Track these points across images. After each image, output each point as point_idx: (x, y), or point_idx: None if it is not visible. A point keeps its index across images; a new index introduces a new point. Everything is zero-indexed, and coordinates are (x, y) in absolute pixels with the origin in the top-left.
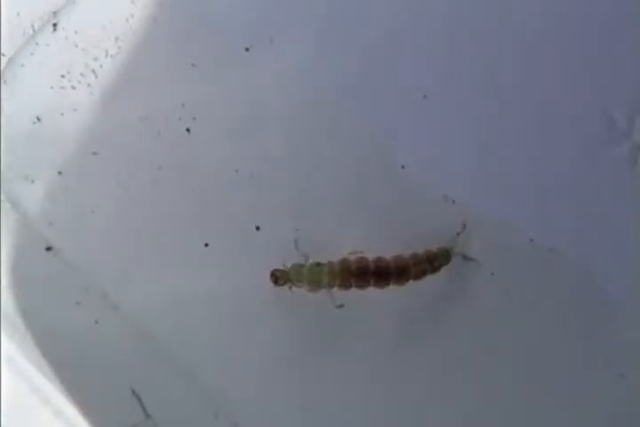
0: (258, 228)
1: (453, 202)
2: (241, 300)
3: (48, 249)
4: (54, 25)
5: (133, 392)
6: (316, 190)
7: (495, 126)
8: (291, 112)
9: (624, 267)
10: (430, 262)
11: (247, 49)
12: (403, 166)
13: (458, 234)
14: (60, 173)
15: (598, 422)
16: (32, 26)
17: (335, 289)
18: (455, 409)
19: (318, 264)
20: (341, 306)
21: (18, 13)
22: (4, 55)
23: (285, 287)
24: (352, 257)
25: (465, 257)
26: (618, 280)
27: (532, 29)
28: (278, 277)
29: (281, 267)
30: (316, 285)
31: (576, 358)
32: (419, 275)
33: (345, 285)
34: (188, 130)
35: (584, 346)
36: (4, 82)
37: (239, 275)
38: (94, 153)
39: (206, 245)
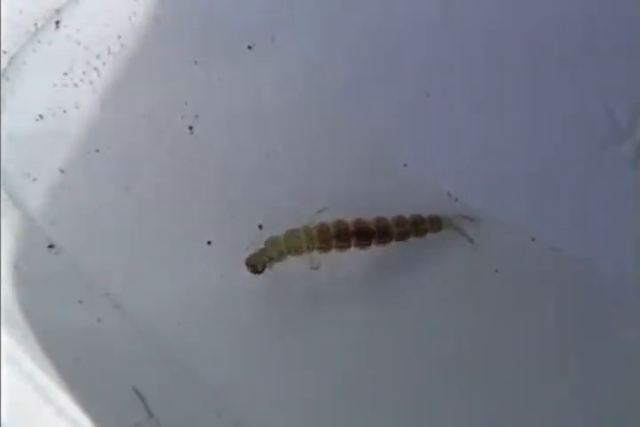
0: (260, 226)
1: (456, 200)
2: (243, 298)
3: (50, 247)
4: (57, 23)
5: (136, 391)
6: (319, 189)
7: (498, 125)
8: (293, 110)
9: (625, 266)
10: (415, 224)
11: (250, 47)
12: (405, 165)
13: (463, 216)
14: (62, 170)
15: (599, 422)
16: (35, 24)
17: (317, 253)
18: (455, 405)
19: (295, 230)
20: (317, 268)
21: (20, 11)
22: (5, 53)
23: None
24: (330, 220)
25: (462, 234)
26: (619, 280)
27: (534, 29)
28: (256, 263)
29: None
30: (295, 251)
31: (576, 357)
32: (401, 236)
33: (324, 247)
34: (190, 128)
35: (584, 346)
36: (7, 79)
37: (241, 274)
38: (96, 151)
39: (209, 243)
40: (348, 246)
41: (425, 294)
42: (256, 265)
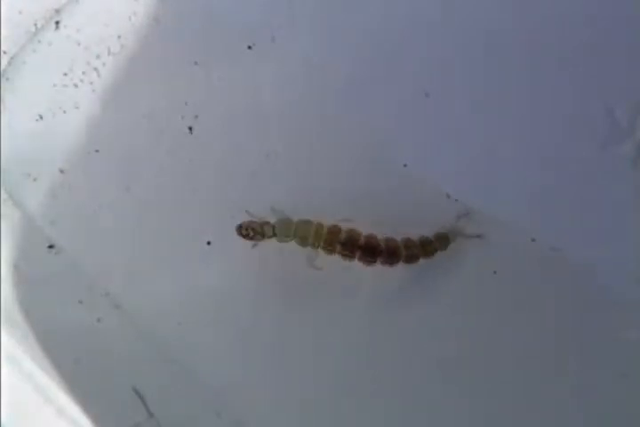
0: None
1: (456, 201)
2: (243, 298)
3: (50, 247)
4: (57, 23)
5: (136, 391)
6: (318, 189)
7: (497, 125)
8: (293, 110)
9: (626, 266)
10: (423, 247)
11: (249, 47)
12: (405, 165)
13: (459, 217)
14: (62, 171)
15: (599, 422)
16: (35, 24)
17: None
18: (455, 405)
19: (309, 221)
20: (320, 268)
21: (20, 11)
22: (5, 53)
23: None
24: (344, 226)
25: (467, 236)
26: (618, 280)
27: (534, 29)
28: (258, 232)
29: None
30: (301, 240)
31: (576, 357)
32: (410, 258)
33: (329, 249)
34: (190, 128)
35: (584, 346)
36: (7, 79)
37: (241, 273)
38: (96, 151)
39: (208, 243)
40: (352, 257)
41: (425, 293)
42: (258, 233)
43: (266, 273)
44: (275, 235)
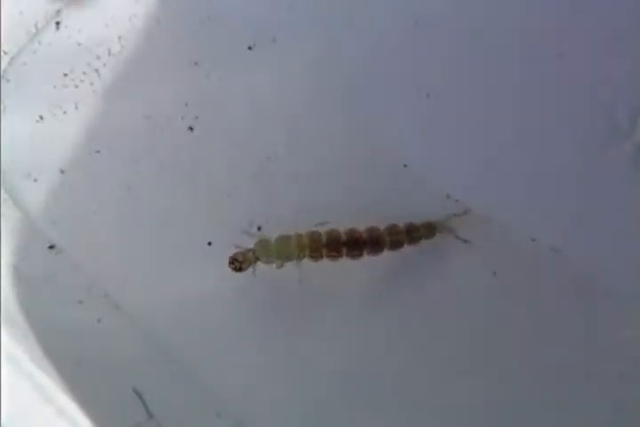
0: (259, 228)
1: (456, 201)
2: (243, 299)
3: (50, 248)
4: (57, 24)
5: (135, 391)
6: (319, 190)
7: (497, 126)
8: (293, 111)
9: (626, 266)
10: (409, 233)
11: (250, 48)
12: (405, 165)
13: (455, 215)
14: (62, 171)
15: (599, 422)
16: (35, 24)
17: (306, 261)
18: (455, 406)
19: (287, 236)
20: (301, 282)
21: (21, 12)
22: (6, 54)
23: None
24: (322, 229)
25: (456, 237)
26: (618, 280)
27: (533, 29)
28: (242, 262)
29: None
30: (285, 257)
31: (576, 357)
32: (395, 245)
33: (315, 255)
34: (190, 129)
35: (584, 345)
36: (7, 80)
37: (241, 274)
38: (97, 151)
39: (209, 244)
40: (340, 256)
41: (424, 294)
42: (243, 262)
43: (266, 273)
44: (257, 259)
